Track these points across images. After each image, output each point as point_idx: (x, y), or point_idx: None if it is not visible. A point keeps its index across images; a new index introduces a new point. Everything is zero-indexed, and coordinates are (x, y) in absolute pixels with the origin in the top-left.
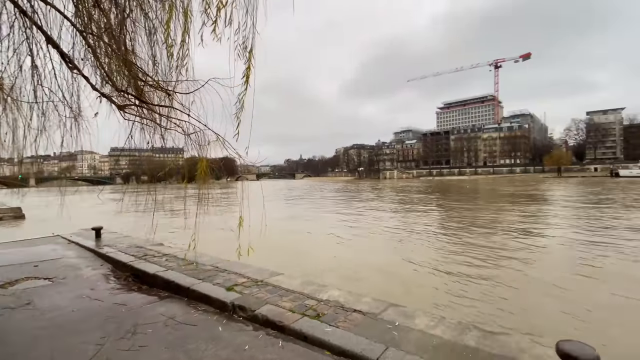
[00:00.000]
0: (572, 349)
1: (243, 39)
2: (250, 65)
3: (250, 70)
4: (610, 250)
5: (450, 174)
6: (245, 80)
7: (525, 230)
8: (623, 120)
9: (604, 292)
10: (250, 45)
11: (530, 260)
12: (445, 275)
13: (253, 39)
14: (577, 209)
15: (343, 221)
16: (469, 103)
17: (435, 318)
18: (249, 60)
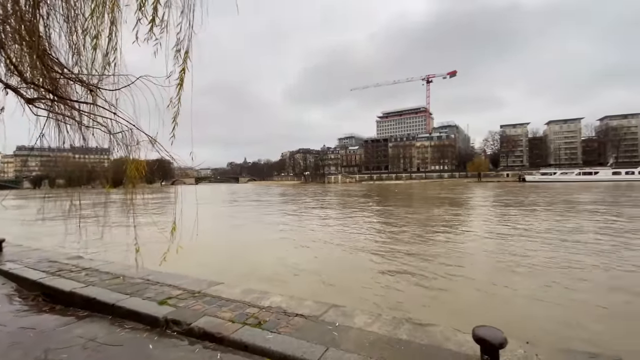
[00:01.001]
0: (485, 334)
1: (179, 39)
2: (185, 67)
3: (185, 72)
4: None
5: (389, 179)
6: (180, 80)
7: (452, 226)
8: (528, 133)
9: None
10: (187, 46)
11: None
12: (387, 276)
13: (190, 40)
14: (493, 207)
15: (285, 225)
16: (404, 113)
17: (373, 315)
18: (184, 61)
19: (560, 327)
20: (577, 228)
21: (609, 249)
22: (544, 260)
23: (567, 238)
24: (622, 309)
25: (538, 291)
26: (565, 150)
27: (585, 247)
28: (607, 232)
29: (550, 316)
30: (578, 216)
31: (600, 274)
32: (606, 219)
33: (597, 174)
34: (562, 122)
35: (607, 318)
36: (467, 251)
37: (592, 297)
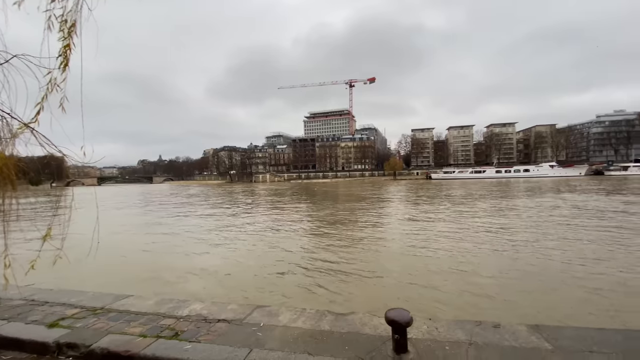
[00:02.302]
0: (394, 316)
1: (65, 10)
2: (70, 44)
3: (71, 50)
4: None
5: (317, 177)
6: (63, 59)
7: (371, 222)
8: (433, 137)
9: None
10: (73, 19)
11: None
12: (308, 274)
13: (78, 12)
14: (406, 200)
15: (207, 228)
16: (330, 115)
17: (298, 311)
18: (69, 36)
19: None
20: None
21: (495, 233)
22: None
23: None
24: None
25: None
26: (462, 152)
27: (477, 232)
28: (492, 219)
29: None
30: (475, 205)
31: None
32: (493, 204)
33: (485, 172)
34: (459, 128)
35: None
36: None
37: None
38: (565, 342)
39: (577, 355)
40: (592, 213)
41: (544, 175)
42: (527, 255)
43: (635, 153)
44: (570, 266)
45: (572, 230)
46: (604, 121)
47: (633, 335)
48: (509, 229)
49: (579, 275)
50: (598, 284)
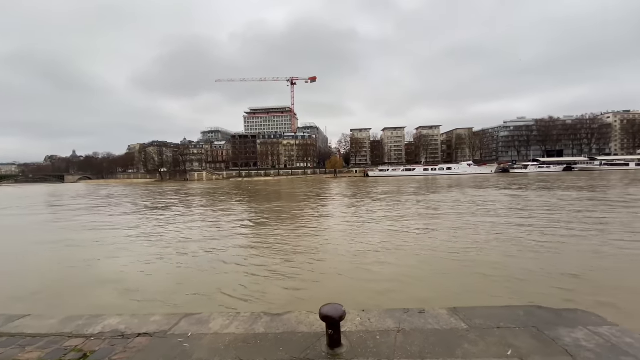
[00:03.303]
0: (327, 311)
1: None
2: None
3: None
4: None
5: (258, 175)
6: None
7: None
8: (370, 137)
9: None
10: None
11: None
12: (242, 274)
13: None
14: (345, 196)
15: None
16: (272, 112)
17: (231, 316)
18: None
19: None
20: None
21: (426, 223)
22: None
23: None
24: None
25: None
26: (395, 152)
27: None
28: (424, 211)
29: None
30: (406, 201)
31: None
32: (422, 198)
33: (414, 170)
34: (392, 129)
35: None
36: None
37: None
38: (478, 321)
39: (487, 331)
40: (494, 206)
41: (463, 172)
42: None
43: (533, 154)
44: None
45: (483, 223)
46: (509, 126)
47: (531, 310)
48: (433, 228)
49: (484, 261)
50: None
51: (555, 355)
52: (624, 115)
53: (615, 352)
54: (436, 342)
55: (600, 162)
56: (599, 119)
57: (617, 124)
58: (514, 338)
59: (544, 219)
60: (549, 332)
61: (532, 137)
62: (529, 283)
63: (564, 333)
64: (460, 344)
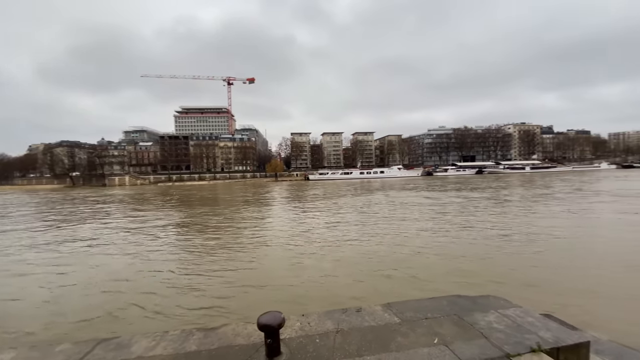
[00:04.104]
0: (266, 320)
1: None
2: None
3: None
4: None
5: (192, 179)
6: None
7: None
8: (310, 141)
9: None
10: None
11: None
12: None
13: None
14: (285, 198)
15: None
16: (206, 112)
17: (157, 336)
18: None
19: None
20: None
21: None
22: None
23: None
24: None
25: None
26: (334, 156)
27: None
28: (363, 209)
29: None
30: (347, 202)
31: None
32: (364, 199)
33: (352, 174)
34: (331, 134)
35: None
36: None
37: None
38: (409, 314)
39: (417, 323)
40: (419, 207)
41: (395, 176)
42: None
43: (452, 158)
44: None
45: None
46: (433, 134)
47: (453, 300)
48: (367, 228)
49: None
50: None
51: (473, 339)
52: (521, 126)
53: (520, 330)
54: (372, 338)
55: (503, 166)
56: (502, 129)
57: (516, 134)
58: (439, 327)
59: (451, 216)
60: (467, 318)
61: (451, 144)
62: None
63: (479, 318)
64: (394, 338)
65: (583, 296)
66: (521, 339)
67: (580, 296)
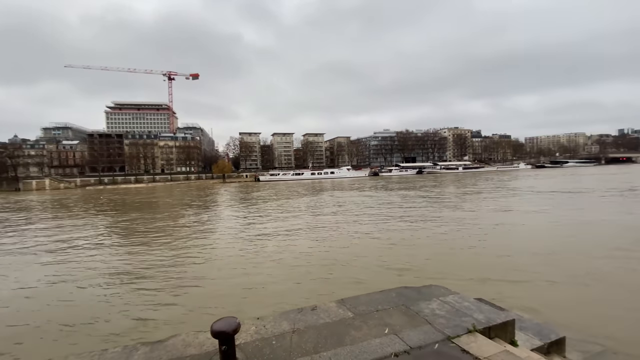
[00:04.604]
0: (220, 327)
1: None
2: None
3: None
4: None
5: (127, 182)
6: None
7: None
8: (260, 141)
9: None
10: None
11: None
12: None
13: None
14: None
15: None
16: (144, 108)
17: (94, 355)
18: None
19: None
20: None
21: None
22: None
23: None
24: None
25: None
26: (285, 157)
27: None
28: (312, 209)
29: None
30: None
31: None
32: (312, 199)
33: (303, 175)
34: (282, 135)
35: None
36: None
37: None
38: (362, 308)
39: (369, 315)
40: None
41: (344, 176)
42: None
43: (395, 159)
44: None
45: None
46: (378, 136)
47: (400, 291)
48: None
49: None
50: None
51: (419, 325)
52: (455, 130)
53: (459, 314)
54: (328, 334)
55: (440, 167)
56: (439, 133)
57: (450, 137)
58: (390, 317)
59: (385, 213)
60: (413, 307)
61: (395, 146)
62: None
63: (424, 306)
64: (348, 332)
65: (506, 279)
66: (459, 322)
67: (504, 280)
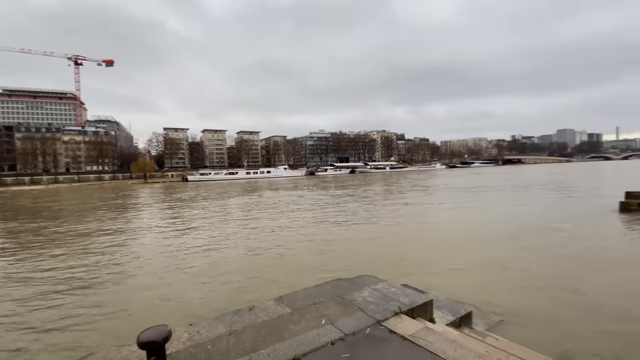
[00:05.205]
0: (148, 336)
1: None
2: None
3: None
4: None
5: (19, 183)
6: None
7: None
8: (188, 138)
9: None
10: None
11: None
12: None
13: None
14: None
15: None
16: (42, 96)
17: None
18: None
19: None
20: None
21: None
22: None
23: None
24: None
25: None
26: (217, 155)
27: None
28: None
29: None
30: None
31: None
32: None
33: (237, 174)
34: (213, 132)
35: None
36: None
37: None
38: (299, 303)
39: (307, 309)
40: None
41: (280, 175)
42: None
43: (330, 159)
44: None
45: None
46: (314, 137)
47: (335, 283)
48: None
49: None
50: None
51: (353, 313)
52: (382, 133)
53: (387, 300)
54: (267, 332)
55: (370, 167)
56: (369, 135)
57: (379, 140)
58: (326, 309)
59: (319, 213)
60: (347, 297)
61: (330, 147)
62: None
63: (356, 295)
64: (287, 327)
65: (420, 266)
66: (387, 307)
67: (419, 266)
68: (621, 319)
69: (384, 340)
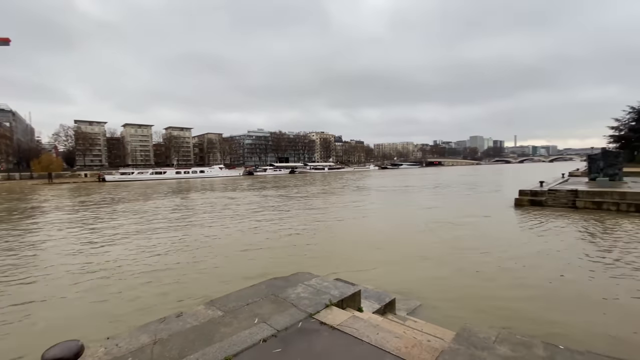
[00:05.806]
0: (56, 353)
1: None
2: None
3: None
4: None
5: None
6: None
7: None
8: (106, 133)
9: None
10: None
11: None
12: None
13: None
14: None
15: None
16: None
17: None
18: None
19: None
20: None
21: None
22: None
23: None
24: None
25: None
26: (141, 152)
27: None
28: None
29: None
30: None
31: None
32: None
33: (166, 173)
34: (136, 127)
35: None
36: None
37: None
38: (232, 305)
39: (239, 310)
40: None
41: (216, 175)
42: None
43: (270, 159)
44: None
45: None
46: (252, 135)
47: (270, 282)
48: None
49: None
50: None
51: (286, 309)
52: (321, 135)
53: (319, 294)
54: (196, 337)
55: (310, 167)
56: (308, 136)
57: (318, 141)
58: (260, 308)
59: (253, 213)
60: (281, 294)
61: (269, 146)
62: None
63: (290, 292)
64: (218, 330)
65: (358, 261)
66: (319, 300)
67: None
68: (511, 288)
69: (315, 332)
